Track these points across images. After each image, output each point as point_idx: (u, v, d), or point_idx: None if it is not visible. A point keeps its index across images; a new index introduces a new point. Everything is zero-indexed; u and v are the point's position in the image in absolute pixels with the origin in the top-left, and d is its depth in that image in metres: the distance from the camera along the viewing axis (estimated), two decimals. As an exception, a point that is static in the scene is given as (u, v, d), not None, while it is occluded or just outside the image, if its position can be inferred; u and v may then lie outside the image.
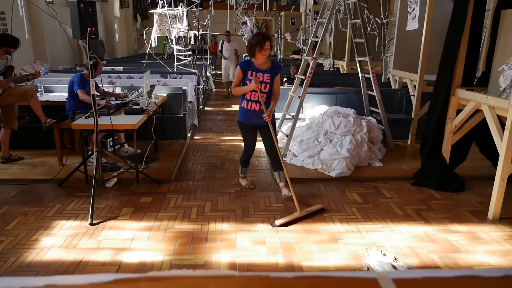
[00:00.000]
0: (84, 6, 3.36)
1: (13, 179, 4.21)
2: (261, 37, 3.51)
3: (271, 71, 3.66)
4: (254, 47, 3.53)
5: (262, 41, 3.49)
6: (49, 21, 9.85)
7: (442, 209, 3.71)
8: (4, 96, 4.43)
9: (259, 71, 3.62)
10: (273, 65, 3.72)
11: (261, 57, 3.57)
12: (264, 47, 3.50)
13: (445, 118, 4.23)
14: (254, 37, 3.58)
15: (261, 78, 3.62)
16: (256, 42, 3.50)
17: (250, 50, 3.58)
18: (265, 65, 3.66)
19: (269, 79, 3.64)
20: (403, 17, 5.95)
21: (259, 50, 3.52)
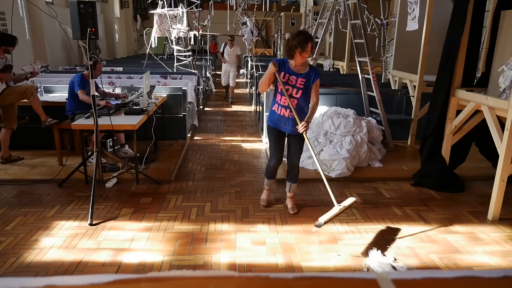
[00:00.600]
0: (84, 7, 3.36)
1: (13, 180, 4.20)
2: (303, 37, 3.08)
3: (306, 75, 3.24)
4: (294, 49, 3.11)
5: (304, 42, 3.08)
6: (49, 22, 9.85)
7: (442, 209, 3.71)
8: (4, 96, 4.43)
9: (293, 74, 3.24)
10: (311, 70, 3.29)
11: (300, 59, 3.17)
12: (306, 48, 3.09)
13: (445, 119, 4.23)
14: (295, 37, 3.13)
15: (293, 82, 3.24)
16: (297, 43, 3.08)
17: (289, 51, 3.17)
18: (301, 68, 3.26)
19: (303, 84, 3.24)
20: (403, 18, 5.95)
21: (300, 52, 3.11)
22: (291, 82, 3.25)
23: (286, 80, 3.25)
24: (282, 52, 13.44)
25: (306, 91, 3.27)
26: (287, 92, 3.24)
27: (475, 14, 3.93)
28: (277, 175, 4.44)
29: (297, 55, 3.13)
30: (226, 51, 9.45)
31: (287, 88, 3.25)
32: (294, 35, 3.15)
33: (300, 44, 3.07)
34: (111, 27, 15.85)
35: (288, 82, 3.25)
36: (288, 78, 3.25)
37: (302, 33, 3.16)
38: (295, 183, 3.60)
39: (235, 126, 7.20)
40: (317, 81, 3.27)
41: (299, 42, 3.07)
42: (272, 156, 3.55)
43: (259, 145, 5.89)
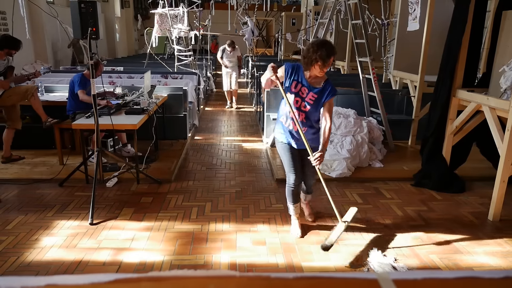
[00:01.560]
0: (85, 6, 3.36)
1: (14, 179, 4.21)
2: (326, 52, 2.66)
3: (320, 92, 2.84)
4: (314, 62, 2.72)
5: (327, 57, 2.67)
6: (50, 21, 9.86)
7: (442, 210, 3.71)
8: (5, 97, 4.43)
9: (306, 86, 2.85)
10: (326, 85, 2.86)
11: (318, 73, 2.78)
12: (328, 63, 2.71)
13: (445, 119, 4.23)
14: (316, 49, 2.68)
15: (304, 94, 2.86)
16: (319, 57, 2.67)
17: (307, 63, 2.77)
18: (317, 81, 2.87)
19: (313, 100, 2.85)
20: (404, 18, 5.95)
21: (321, 67, 2.72)
22: (301, 93, 2.87)
23: (297, 91, 2.86)
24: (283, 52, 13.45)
25: (316, 108, 2.89)
26: (296, 104, 2.89)
27: (476, 14, 3.93)
28: (277, 175, 4.46)
29: (315, 68, 2.75)
30: (226, 55, 8.68)
31: (296, 100, 2.88)
32: (315, 46, 2.71)
33: (322, 59, 2.67)
34: (111, 27, 15.87)
35: (299, 93, 2.87)
36: (299, 89, 2.87)
37: (324, 45, 2.72)
38: (311, 194, 3.37)
39: (235, 126, 7.20)
40: (330, 100, 2.86)
41: (321, 56, 2.67)
42: (290, 172, 3.03)
43: (260, 145, 5.89)
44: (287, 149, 2.99)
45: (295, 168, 3.01)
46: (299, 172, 3.04)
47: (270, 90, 6.03)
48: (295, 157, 3.01)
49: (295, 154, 3.01)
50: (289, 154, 2.99)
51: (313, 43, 2.77)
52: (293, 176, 3.02)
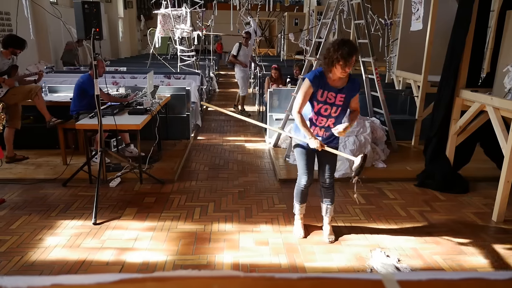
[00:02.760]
0: (88, 7, 3.37)
1: (18, 179, 4.23)
2: (348, 49, 2.57)
3: (346, 90, 2.77)
4: (335, 62, 2.61)
5: (349, 56, 2.57)
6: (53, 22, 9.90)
7: (446, 210, 3.70)
8: (9, 96, 4.46)
9: (332, 90, 2.75)
10: (350, 82, 2.80)
11: (341, 74, 2.66)
12: (350, 62, 2.60)
13: (449, 119, 4.22)
14: (337, 48, 2.59)
15: (332, 99, 2.76)
16: (340, 56, 2.57)
17: (328, 63, 2.65)
18: (340, 81, 2.77)
19: (342, 100, 2.77)
20: (407, 18, 5.93)
21: (342, 67, 2.61)
22: (329, 100, 2.76)
23: (324, 99, 2.76)
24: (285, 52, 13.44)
25: (345, 108, 2.84)
26: (325, 112, 2.79)
27: (480, 14, 3.91)
28: (280, 175, 4.46)
29: (337, 69, 2.63)
30: (243, 52, 7.79)
31: (325, 108, 2.78)
32: (336, 45, 2.62)
33: (344, 58, 2.57)
34: (115, 27, 15.91)
35: (327, 101, 2.77)
36: (326, 96, 2.76)
37: (346, 43, 2.62)
38: (332, 205, 3.13)
39: (238, 126, 7.20)
40: (357, 95, 2.86)
41: (342, 55, 2.56)
42: (303, 174, 3.03)
43: (263, 145, 5.89)
44: (304, 151, 2.96)
45: (308, 171, 3.02)
46: (312, 175, 3.05)
47: (273, 90, 6.03)
48: (311, 159, 3.00)
49: (311, 156, 3.00)
50: (306, 157, 2.98)
51: (333, 43, 2.67)
52: (305, 178, 3.03)
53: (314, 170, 3.07)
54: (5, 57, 4.38)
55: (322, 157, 2.99)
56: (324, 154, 2.94)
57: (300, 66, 6.48)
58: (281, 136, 5.53)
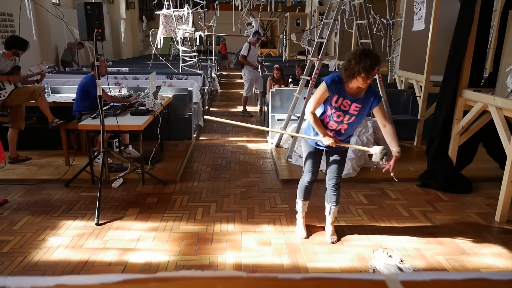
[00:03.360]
0: (91, 8, 3.38)
1: (21, 179, 4.24)
2: (371, 62, 2.46)
3: (363, 101, 2.67)
4: (357, 74, 2.50)
5: (371, 69, 2.47)
6: (56, 23, 9.94)
7: (448, 211, 3.69)
8: (12, 97, 4.48)
9: (348, 98, 2.66)
10: (370, 93, 2.68)
11: (361, 85, 2.57)
12: (372, 75, 2.52)
13: (451, 119, 4.21)
14: (359, 60, 2.47)
15: (346, 107, 2.69)
16: (362, 69, 2.46)
17: (349, 75, 2.54)
18: (359, 91, 2.67)
19: (358, 110, 2.70)
20: (409, 18, 5.92)
21: (364, 79, 2.51)
22: (344, 107, 2.69)
23: (339, 105, 2.69)
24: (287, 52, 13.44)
25: (361, 118, 2.77)
26: (337, 118, 2.74)
27: (483, 14, 3.90)
28: (282, 176, 4.46)
29: (358, 80, 2.54)
30: (252, 52, 7.59)
31: (338, 114, 2.73)
32: (358, 57, 2.48)
33: (366, 71, 2.47)
34: (117, 28, 15.96)
35: (341, 108, 2.70)
36: (341, 103, 2.69)
37: (369, 55, 2.49)
38: (336, 206, 3.11)
39: (240, 126, 7.20)
40: (380, 105, 2.71)
41: (365, 68, 2.46)
42: (308, 171, 3.03)
43: (265, 146, 5.89)
44: (312, 151, 2.97)
45: (314, 170, 3.03)
46: (316, 173, 3.06)
47: (275, 90, 6.03)
48: (318, 157, 3.01)
49: (319, 154, 3.01)
50: (313, 154, 2.99)
51: (355, 54, 2.53)
52: (309, 175, 3.05)
53: (319, 168, 3.08)
54: (8, 58, 4.40)
55: (331, 158, 2.98)
56: (334, 155, 2.94)
57: (302, 66, 6.47)
58: (283, 136, 5.53)
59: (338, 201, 3.10)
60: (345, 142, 2.92)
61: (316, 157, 3.01)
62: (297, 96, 5.25)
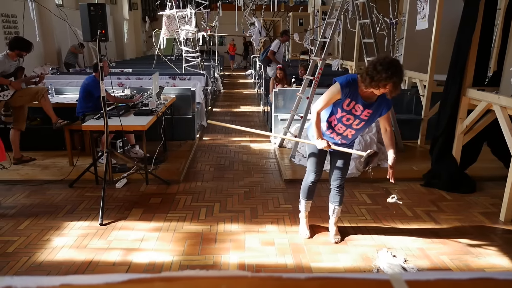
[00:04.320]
0: (94, 9, 3.39)
1: (25, 180, 4.26)
2: (399, 78, 2.39)
3: (375, 107, 2.62)
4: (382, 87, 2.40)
5: (400, 82, 2.42)
6: (59, 24, 9.98)
7: (452, 210, 3.67)
8: (16, 97, 4.50)
9: (360, 103, 2.60)
10: (382, 100, 2.61)
11: (378, 92, 2.49)
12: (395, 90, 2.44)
13: (455, 119, 4.19)
14: (392, 75, 2.34)
15: (358, 112, 2.63)
16: (392, 85, 2.39)
17: (371, 82, 2.41)
18: (371, 95, 2.59)
19: (368, 116, 2.65)
20: (413, 17, 5.90)
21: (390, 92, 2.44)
22: (355, 111, 2.64)
23: (350, 109, 2.64)
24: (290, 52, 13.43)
25: (370, 123, 2.73)
26: (347, 122, 2.70)
27: (487, 12, 3.88)
28: (285, 176, 4.46)
29: (379, 90, 2.45)
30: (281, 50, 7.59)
31: (347, 117, 2.68)
32: (388, 68, 2.34)
33: (395, 87, 2.40)
34: (120, 29, 16.00)
35: (352, 111, 2.65)
36: (353, 106, 2.63)
37: (398, 70, 2.37)
38: (340, 206, 3.09)
39: (243, 126, 7.19)
40: (386, 114, 2.70)
41: (394, 85, 2.39)
42: (311, 171, 3.02)
43: (268, 146, 5.88)
44: (316, 151, 2.93)
45: (317, 170, 3.01)
46: (320, 173, 3.04)
47: (278, 90, 6.03)
48: (321, 158, 2.98)
49: (323, 154, 2.97)
50: (317, 154, 2.95)
51: (383, 65, 2.36)
52: (313, 175, 3.02)
53: (323, 168, 3.06)
54: (12, 59, 4.42)
55: (335, 159, 2.95)
56: (338, 156, 2.91)
57: (305, 66, 6.46)
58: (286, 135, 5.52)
59: (341, 201, 3.09)
60: (348, 146, 2.89)
61: (319, 157, 2.97)
62: (300, 96, 5.24)
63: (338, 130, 2.76)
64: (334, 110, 2.71)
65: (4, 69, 4.36)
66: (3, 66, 4.33)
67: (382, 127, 2.77)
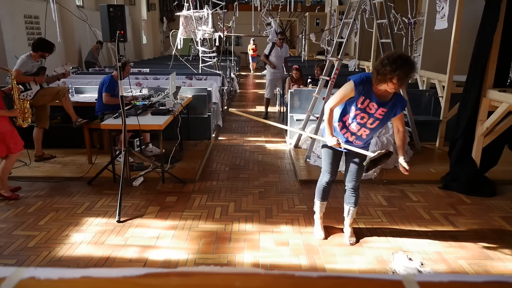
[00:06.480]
0: (113, 10, 3.46)
1: (46, 177, 4.38)
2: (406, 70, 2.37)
3: (390, 106, 2.60)
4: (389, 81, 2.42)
5: (406, 76, 2.40)
6: (79, 24, 10.20)
7: (471, 214, 3.60)
8: (38, 97, 4.62)
9: (374, 101, 2.59)
10: (397, 99, 2.60)
11: (391, 89, 2.49)
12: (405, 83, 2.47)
13: (475, 120, 4.10)
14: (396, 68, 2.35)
15: (372, 110, 2.61)
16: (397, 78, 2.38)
17: (381, 78, 2.43)
18: (385, 95, 2.59)
19: (383, 115, 2.62)
20: (432, 16, 5.80)
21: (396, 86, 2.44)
22: (369, 109, 2.62)
23: (364, 107, 2.61)
24: (306, 52, 13.38)
25: (384, 123, 2.69)
26: (361, 120, 2.67)
27: (508, 12, 3.79)
28: (301, 176, 4.45)
29: (388, 85, 2.46)
30: (275, 53, 7.31)
31: (362, 115, 2.65)
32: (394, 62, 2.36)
33: (400, 79, 2.39)
34: (138, 29, 16.24)
35: (366, 110, 2.62)
36: (367, 104, 2.61)
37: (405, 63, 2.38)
38: (355, 208, 3.05)
39: (259, 126, 7.21)
40: (401, 114, 2.67)
41: (399, 78, 2.37)
42: (326, 171, 2.99)
43: (283, 146, 5.88)
44: (331, 152, 2.91)
45: (332, 170, 2.98)
46: (335, 174, 3.02)
47: (294, 91, 6.02)
48: (336, 158, 2.96)
49: (338, 155, 2.95)
50: (332, 156, 2.93)
51: (390, 59, 2.40)
52: (328, 176, 3.01)
53: (338, 169, 3.03)
54: (34, 60, 4.55)
55: (350, 159, 2.92)
56: (353, 156, 2.87)
57: (322, 66, 6.43)
58: (302, 136, 5.51)
59: (357, 202, 3.06)
60: (363, 148, 2.85)
61: (335, 158, 2.95)
62: (316, 96, 5.22)
63: (352, 129, 2.73)
64: (348, 108, 2.70)
65: (27, 69, 4.49)
66: (26, 66, 4.46)
67: (395, 127, 2.75)
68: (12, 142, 3.74)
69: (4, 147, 3.70)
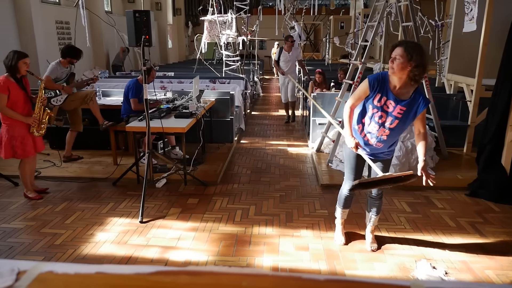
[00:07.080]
0: (139, 16, 3.56)
1: (73, 177, 4.53)
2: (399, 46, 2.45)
3: (409, 104, 2.51)
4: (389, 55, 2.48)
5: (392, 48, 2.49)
6: (107, 30, 10.51)
7: (500, 222, 3.47)
8: (68, 102, 4.80)
9: (392, 98, 2.52)
10: (417, 96, 2.51)
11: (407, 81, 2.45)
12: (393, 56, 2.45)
13: (505, 125, 3.96)
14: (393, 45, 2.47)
15: (390, 108, 2.54)
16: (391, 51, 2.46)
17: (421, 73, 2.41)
18: (404, 92, 2.52)
19: (402, 113, 2.52)
20: (460, 19, 5.65)
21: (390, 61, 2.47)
22: (386, 107, 2.55)
23: (381, 105, 2.55)
24: (330, 56, 13.28)
25: (404, 122, 2.58)
26: (379, 120, 2.59)
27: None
28: (322, 181, 4.41)
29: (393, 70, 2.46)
30: (283, 57, 7.16)
31: (380, 114, 2.58)
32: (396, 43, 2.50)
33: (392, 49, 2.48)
34: (164, 34, 16.57)
35: (384, 108, 2.56)
36: (384, 102, 2.55)
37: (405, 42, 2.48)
38: (377, 215, 3.01)
39: (281, 130, 7.21)
40: (423, 112, 2.54)
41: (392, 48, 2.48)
42: (348, 179, 2.92)
43: (306, 150, 5.85)
44: (354, 155, 2.82)
45: (355, 178, 2.89)
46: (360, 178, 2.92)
47: (317, 94, 5.99)
48: (359, 165, 2.87)
49: (361, 162, 2.84)
50: (355, 161, 2.85)
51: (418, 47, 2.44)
52: (349, 183, 2.92)
53: (361, 175, 2.96)
54: (64, 66, 4.73)
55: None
56: (376, 163, 2.75)
57: (345, 70, 6.37)
58: (324, 141, 5.47)
59: (379, 211, 3.00)
60: (386, 154, 2.78)
61: (358, 164, 2.86)
62: (339, 100, 5.17)
63: (371, 130, 2.64)
64: (366, 107, 2.65)
65: (57, 75, 4.67)
66: (55, 72, 4.64)
67: (416, 129, 2.63)
68: (20, 147, 3.68)
69: (10, 150, 3.67)
